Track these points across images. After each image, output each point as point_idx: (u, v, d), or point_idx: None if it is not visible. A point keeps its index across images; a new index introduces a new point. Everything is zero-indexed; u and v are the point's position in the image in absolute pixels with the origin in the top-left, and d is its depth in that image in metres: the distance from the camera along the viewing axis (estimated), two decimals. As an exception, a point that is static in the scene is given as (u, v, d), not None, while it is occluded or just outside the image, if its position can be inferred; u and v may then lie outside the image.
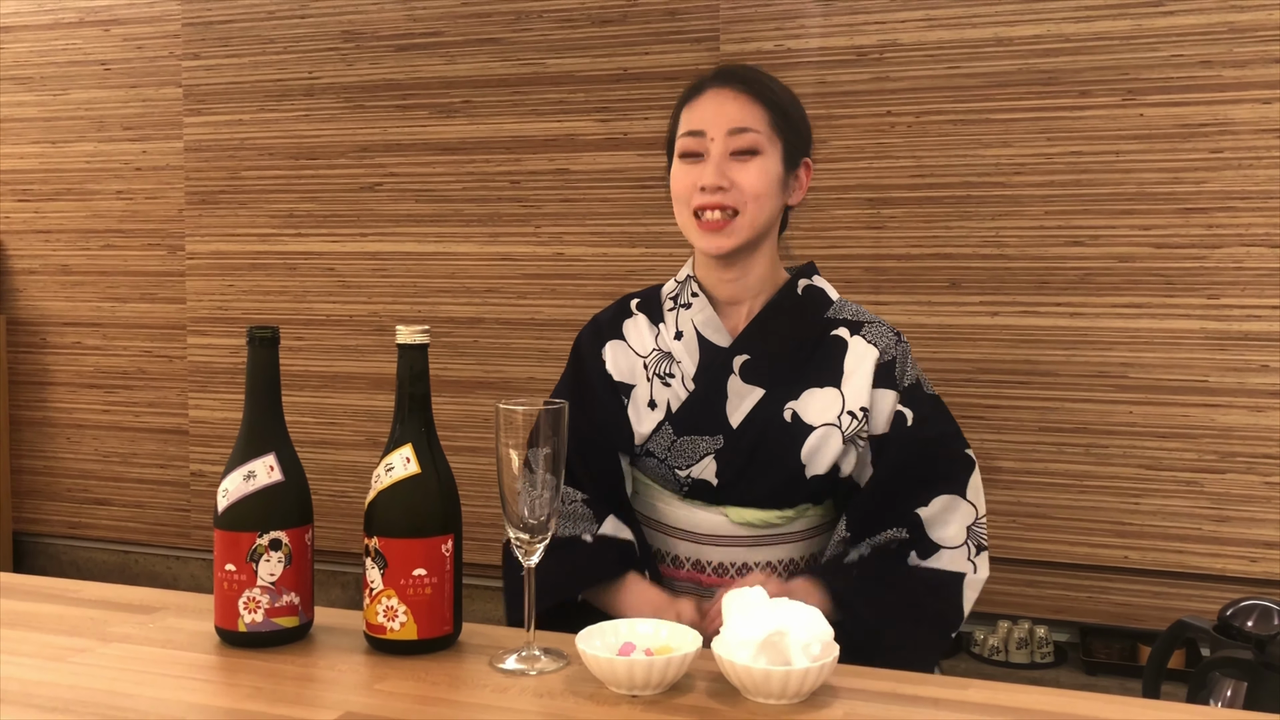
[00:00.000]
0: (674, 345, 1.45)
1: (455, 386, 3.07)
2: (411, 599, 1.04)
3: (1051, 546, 2.60)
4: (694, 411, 1.41)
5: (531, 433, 1.02)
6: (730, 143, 1.35)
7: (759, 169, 1.36)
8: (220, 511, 1.07)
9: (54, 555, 3.58)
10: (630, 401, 1.45)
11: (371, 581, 1.05)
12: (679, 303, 1.47)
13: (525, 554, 1.04)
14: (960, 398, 2.64)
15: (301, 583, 1.08)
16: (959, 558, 1.35)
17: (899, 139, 2.64)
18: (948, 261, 2.63)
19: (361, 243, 3.15)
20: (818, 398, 1.38)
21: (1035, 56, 2.54)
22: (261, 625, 1.06)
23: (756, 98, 1.37)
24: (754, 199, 1.36)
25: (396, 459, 1.06)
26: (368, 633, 1.06)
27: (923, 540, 1.34)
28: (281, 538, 1.07)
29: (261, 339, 1.09)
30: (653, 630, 1.02)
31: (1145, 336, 2.51)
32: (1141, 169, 2.49)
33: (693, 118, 1.38)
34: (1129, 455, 2.54)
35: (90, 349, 3.49)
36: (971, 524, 1.36)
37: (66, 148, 3.46)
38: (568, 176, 2.94)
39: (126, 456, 3.48)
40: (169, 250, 3.37)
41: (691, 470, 1.40)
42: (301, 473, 1.10)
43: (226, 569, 1.06)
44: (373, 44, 3.08)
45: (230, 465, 1.08)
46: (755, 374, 1.40)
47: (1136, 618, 2.58)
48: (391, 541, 1.04)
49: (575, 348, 1.53)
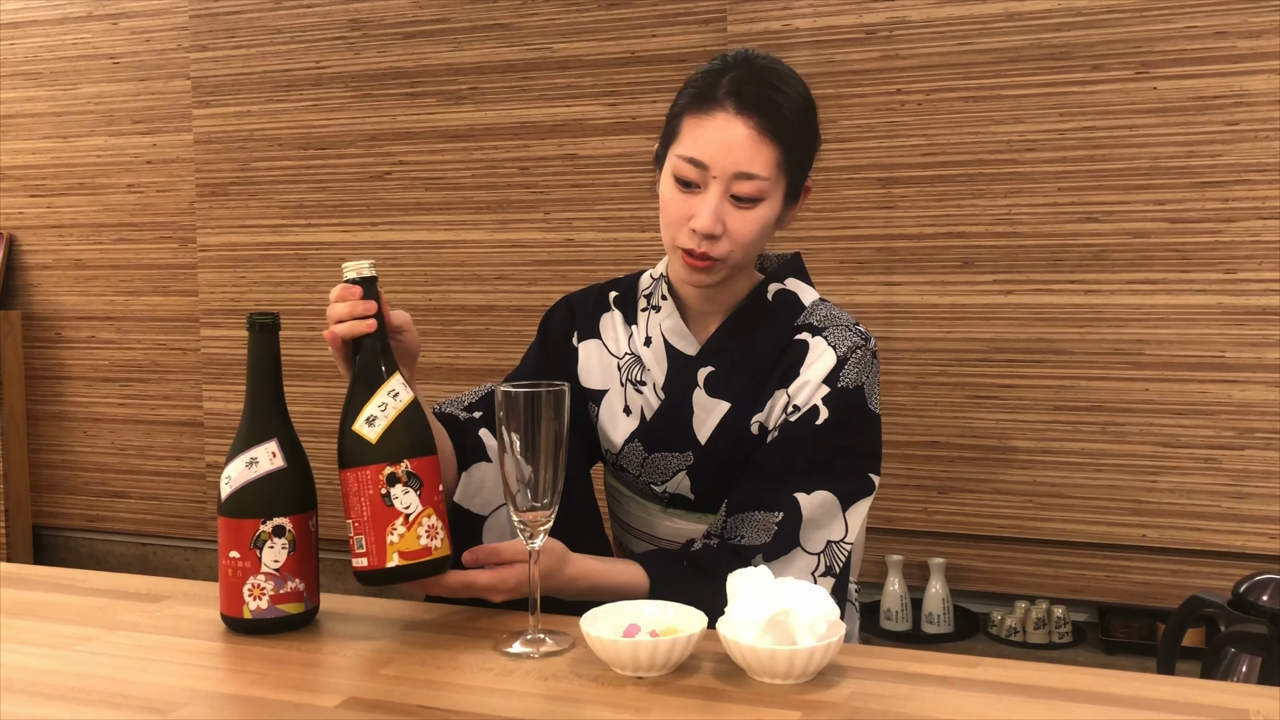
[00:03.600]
0: (643, 351, 1.40)
1: (466, 374, 3.07)
2: (444, 515, 1.07)
3: (1068, 526, 2.58)
4: (662, 427, 1.36)
5: (530, 415, 1.01)
6: (733, 186, 1.24)
7: (757, 220, 1.26)
8: (223, 499, 1.07)
9: (73, 548, 3.60)
10: (603, 407, 1.41)
11: (408, 507, 1.04)
12: (651, 303, 1.42)
13: (530, 536, 1.04)
14: (974, 377, 2.62)
15: (306, 569, 1.08)
16: (803, 571, 1.25)
17: (909, 117, 2.62)
18: (960, 240, 2.60)
19: (372, 232, 3.14)
20: (778, 405, 1.32)
21: (1046, 31, 2.51)
22: (266, 612, 1.06)
23: (772, 136, 1.24)
24: (743, 247, 1.27)
25: (397, 385, 1.07)
26: (405, 564, 1.03)
27: (786, 529, 1.25)
28: (285, 524, 1.06)
29: (262, 325, 1.08)
30: (658, 611, 1.01)
31: (1161, 312, 2.49)
32: (1156, 143, 2.46)
33: (697, 142, 1.25)
34: (1145, 433, 2.51)
35: (105, 343, 3.50)
36: (836, 540, 1.27)
37: (77, 142, 3.46)
38: (577, 161, 2.92)
39: (143, 449, 3.49)
40: (181, 243, 3.38)
41: (667, 486, 1.38)
42: (304, 459, 1.10)
43: (230, 556, 1.06)
44: (379, 32, 3.07)
45: (233, 452, 1.08)
46: (720, 387, 1.34)
47: (1155, 596, 2.55)
48: (422, 461, 1.05)
49: (543, 331, 1.48)
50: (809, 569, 1.25)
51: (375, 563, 1.04)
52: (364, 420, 1.05)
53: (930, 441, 2.65)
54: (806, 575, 1.25)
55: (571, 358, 1.44)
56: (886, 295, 2.64)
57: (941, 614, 2.61)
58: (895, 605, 2.64)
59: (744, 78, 1.26)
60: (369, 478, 1.04)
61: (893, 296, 2.64)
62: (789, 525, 1.24)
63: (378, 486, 1.04)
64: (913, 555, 2.69)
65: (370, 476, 1.04)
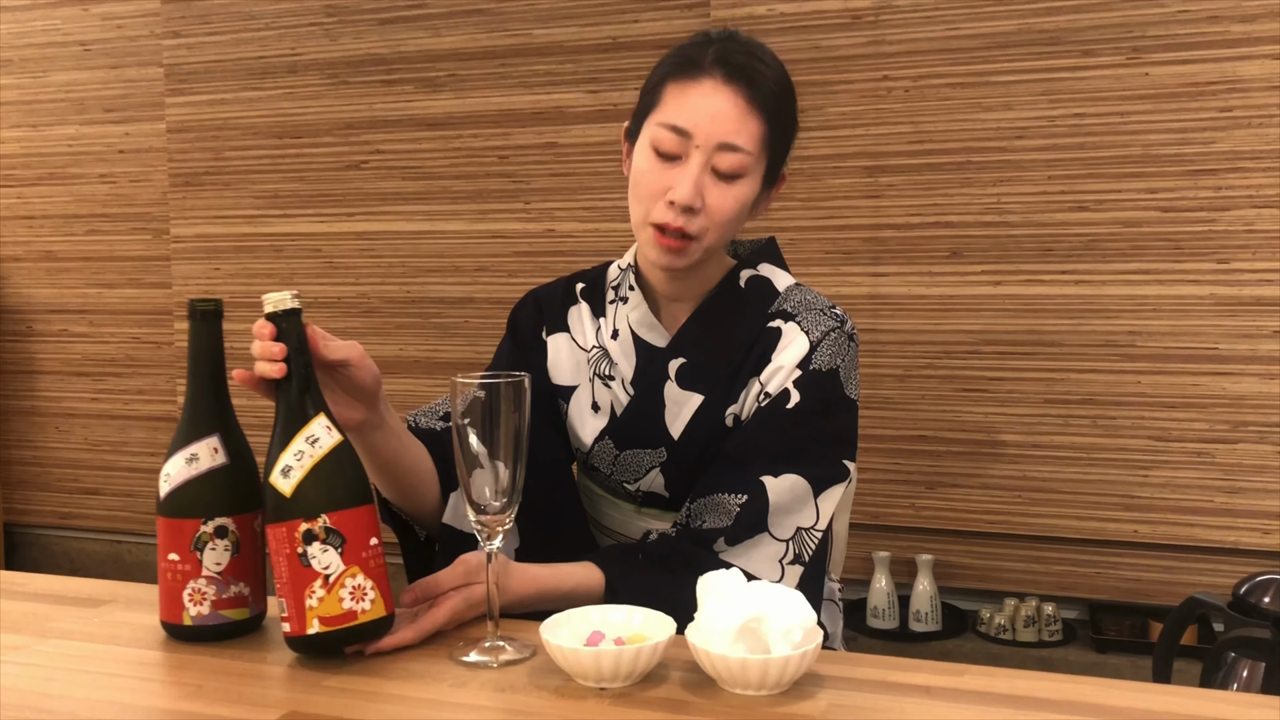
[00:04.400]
0: (610, 344, 1.34)
1: (445, 368, 3.00)
2: (374, 572, 0.96)
3: (1059, 521, 2.53)
4: (633, 423, 1.30)
5: (489, 408, 0.94)
6: (716, 158, 1.19)
7: (736, 196, 1.21)
8: (162, 497, 1.01)
9: (45, 546, 3.53)
10: (571, 404, 1.35)
11: (327, 567, 0.95)
12: (619, 295, 1.35)
13: (486, 537, 0.97)
14: (963, 370, 2.56)
15: (251, 572, 1.02)
16: (770, 558, 1.18)
17: (897, 104, 2.56)
18: (949, 230, 2.55)
19: (348, 223, 3.07)
20: (751, 395, 1.26)
21: (1036, 15, 2.45)
22: (208, 618, 1.00)
23: (759, 108, 1.20)
24: (719, 226, 1.21)
25: (318, 429, 0.97)
26: (326, 630, 0.94)
27: (750, 513, 1.18)
28: (228, 524, 1.00)
29: (204, 312, 1.02)
30: (624, 617, 0.95)
31: (1153, 304, 2.43)
32: (1148, 130, 2.40)
33: (682, 110, 1.19)
34: (1137, 426, 2.46)
35: (77, 336, 3.43)
36: (807, 527, 1.20)
37: (48, 131, 3.39)
38: (557, 150, 2.86)
39: (117, 445, 3.43)
40: (154, 234, 3.30)
41: (640, 484, 1.31)
42: (249, 455, 1.03)
43: (170, 559, 1.00)
44: (355, 18, 3.00)
45: (172, 449, 1.01)
46: (692, 379, 1.27)
47: (1147, 593, 2.50)
48: (346, 514, 0.95)
49: (512, 326, 1.42)
50: (776, 556, 1.19)
51: (296, 629, 0.95)
52: (279, 471, 0.95)
53: (918, 435, 2.60)
54: (773, 562, 1.18)
55: (541, 353, 1.38)
56: (873, 286, 2.58)
57: (929, 612, 2.55)
58: (882, 603, 2.58)
59: (731, 48, 1.22)
60: (285, 535, 0.94)
61: (879, 288, 2.58)
62: (753, 508, 1.18)
63: (294, 545, 0.94)
64: (900, 552, 2.63)
65: (286, 534, 0.94)
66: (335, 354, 1.04)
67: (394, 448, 1.17)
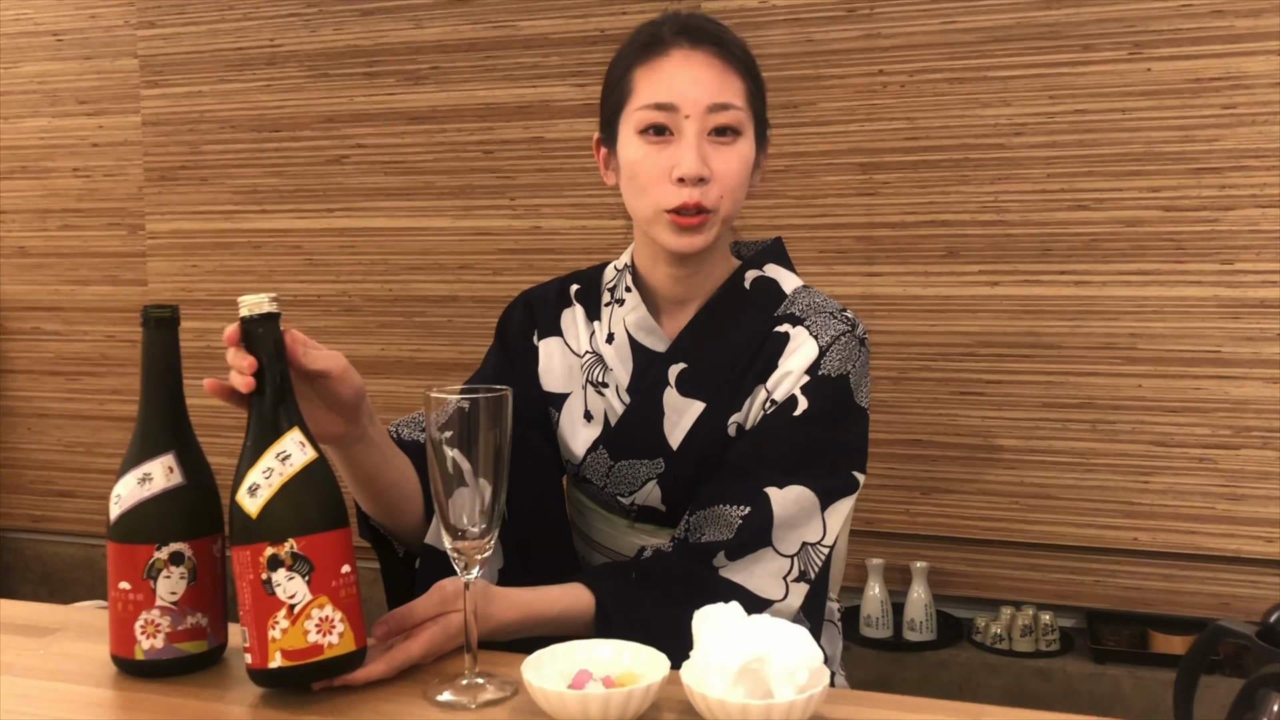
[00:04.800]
0: (605, 349, 1.27)
1: (429, 369, 2.93)
2: (344, 602, 0.89)
3: (1056, 529, 2.47)
4: (629, 432, 1.23)
5: (467, 425, 0.87)
6: (709, 120, 1.14)
7: (740, 154, 1.16)
8: (112, 520, 0.93)
9: (18, 550, 3.44)
10: (562, 413, 1.28)
11: (292, 596, 0.87)
12: (615, 297, 1.28)
13: (464, 567, 0.90)
14: (959, 373, 2.50)
15: (210, 601, 0.94)
16: (774, 575, 1.12)
17: (892, 99, 2.49)
18: (945, 229, 2.48)
19: (329, 219, 2.99)
20: (757, 403, 1.20)
21: (1035, 9, 2.38)
22: (162, 652, 0.92)
23: (734, 63, 1.16)
24: (731, 191, 1.16)
25: (290, 445, 0.90)
26: (288, 665, 0.87)
27: (753, 526, 1.11)
28: (184, 550, 0.92)
29: (158, 319, 0.94)
30: (613, 654, 0.88)
31: (1154, 305, 2.37)
32: (1150, 127, 2.34)
33: (659, 85, 1.15)
34: (1138, 431, 2.40)
35: (50, 334, 3.34)
36: (813, 542, 1.14)
37: (19, 124, 3.30)
38: (544, 145, 2.78)
39: (91, 446, 3.34)
40: (129, 230, 3.22)
41: (635, 498, 1.24)
42: (208, 474, 0.96)
43: (121, 587, 0.92)
44: (336, 8, 2.92)
45: (124, 467, 0.94)
46: (693, 385, 1.21)
47: (1146, 602, 2.45)
48: (316, 539, 0.88)
49: (501, 330, 1.35)
50: (780, 572, 1.12)
51: (258, 661, 0.88)
52: (246, 489, 0.88)
53: (912, 440, 2.54)
54: (777, 579, 1.12)
55: (532, 358, 1.31)
56: (867, 286, 2.52)
57: (924, 620, 2.49)
58: (875, 611, 2.52)
59: (686, 18, 1.20)
60: (249, 559, 0.87)
61: (874, 288, 2.52)
62: (756, 521, 1.12)
63: (257, 570, 0.87)
64: (894, 559, 2.57)
65: (250, 558, 0.87)
66: (315, 364, 0.97)
67: (375, 461, 1.10)
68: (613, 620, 1.07)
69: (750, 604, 1.11)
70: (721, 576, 1.12)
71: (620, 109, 1.19)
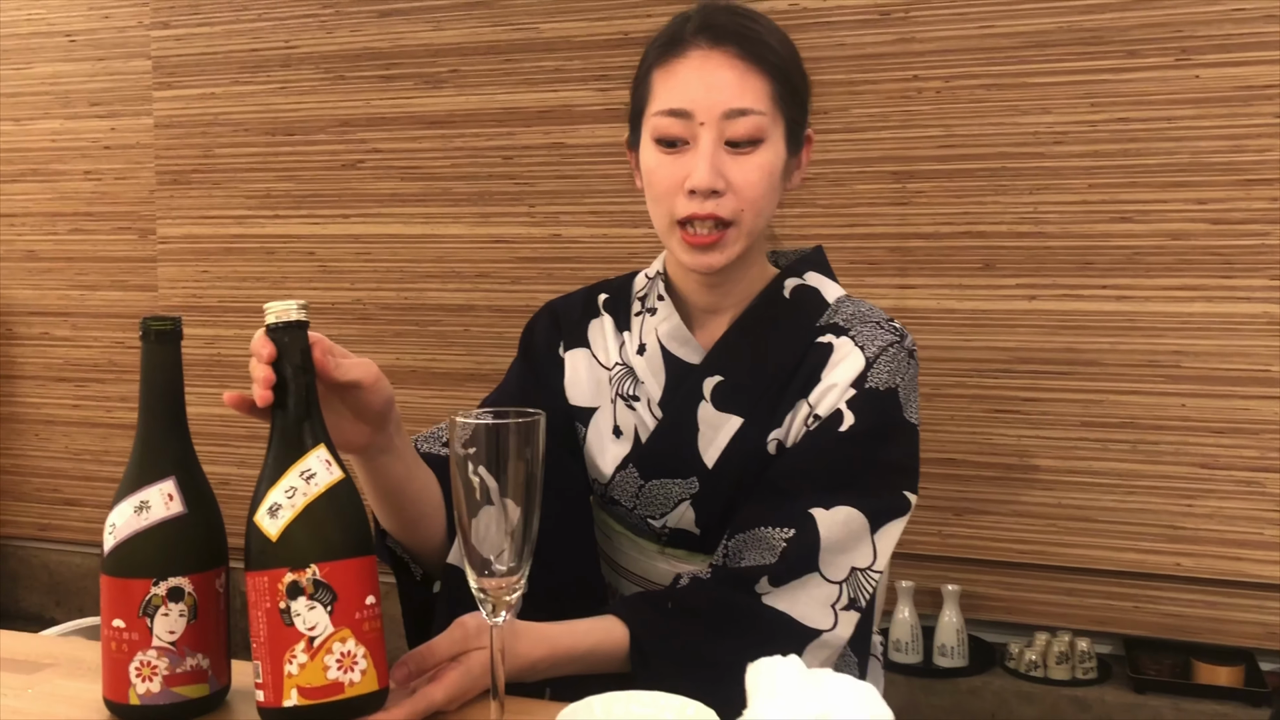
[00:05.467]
0: (636, 361, 1.19)
1: (444, 379, 2.85)
2: (368, 636, 0.81)
3: (1095, 552, 2.38)
4: (661, 449, 1.15)
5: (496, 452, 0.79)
6: (726, 128, 1.06)
7: (760, 165, 1.07)
8: (106, 553, 0.85)
9: (24, 559, 3.38)
10: (590, 429, 1.20)
11: (312, 628, 0.79)
12: (646, 306, 1.21)
13: (493, 609, 0.82)
14: (995, 390, 2.41)
15: (212, 642, 0.86)
16: (821, 602, 1.04)
17: (927, 106, 2.41)
18: (981, 240, 2.40)
19: (343, 225, 2.92)
20: (799, 418, 1.11)
21: (1077, 13, 2.30)
22: (159, 696, 0.84)
23: (757, 63, 1.08)
24: (752, 204, 1.08)
25: (315, 463, 0.83)
26: (305, 703, 0.79)
27: (799, 550, 1.04)
28: (183, 585, 0.84)
29: (158, 332, 0.87)
30: (654, 711, 0.80)
31: (1200, 322, 2.28)
32: (1197, 136, 2.25)
33: (674, 90, 1.08)
34: (1181, 453, 2.31)
35: (59, 340, 3.29)
36: (863, 568, 1.06)
37: (30, 125, 3.24)
38: (564, 151, 2.71)
39: (98, 454, 3.28)
40: (140, 234, 3.15)
41: (666, 520, 1.16)
42: (212, 502, 0.88)
43: (114, 625, 0.84)
44: (353, 10, 2.85)
45: (119, 494, 0.86)
46: (730, 399, 1.13)
47: (1188, 630, 2.35)
48: (340, 565, 0.81)
49: (525, 342, 1.28)
50: (828, 600, 1.04)
51: (271, 699, 0.80)
52: (266, 510, 0.81)
53: (945, 459, 2.45)
54: (825, 606, 1.04)
55: (558, 371, 1.23)
56: (900, 299, 2.43)
57: (955, 646, 2.40)
58: (905, 635, 2.43)
59: (710, 12, 1.11)
60: (266, 586, 0.80)
61: (906, 300, 2.43)
62: (802, 544, 1.04)
63: (275, 598, 0.80)
64: (924, 581, 2.48)
65: (267, 584, 0.80)
66: (345, 376, 0.91)
67: (400, 473, 1.03)
68: (649, 656, 0.99)
69: (796, 634, 1.03)
70: (765, 604, 1.04)
71: (642, 112, 1.13)
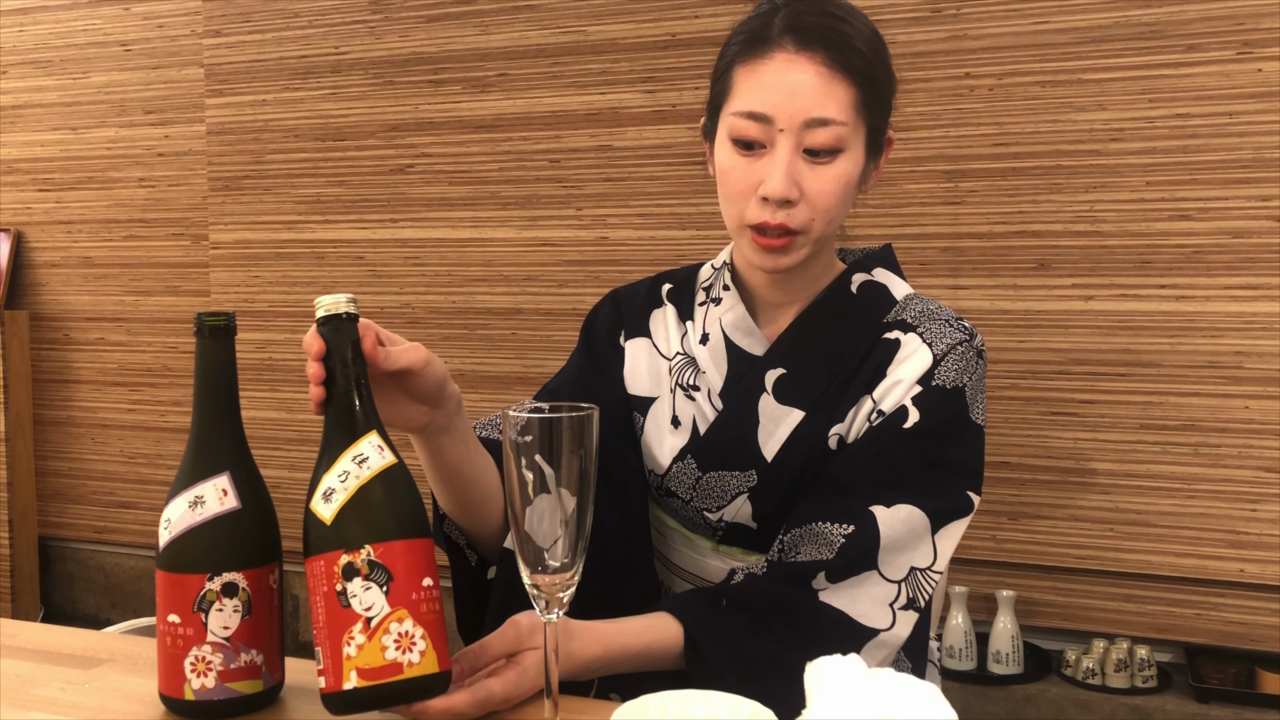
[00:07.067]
0: (698, 351, 1.18)
1: (492, 382, 2.86)
2: (426, 618, 0.80)
3: (1154, 558, 2.33)
4: (720, 441, 1.14)
5: (549, 446, 0.78)
6: (805, 137, 1.03)
7: (837, 176, 1.05)
8: (161, 548, 0.85)
9: (81, 560, 3.43)
10: (648, 419, 1.19)
11: (369, 608, 0.79)
12: (710, 296, 1.20)
13: (546, 605, 0.81)
14: (1050, 392, 2.36)
15: (265, 637, 0.86)
16: (879, 601, 1.02)
17: (979, 103, 2.37)
18: (1036, 240, 2.35)
19: (392, 229, 2.94)
20: (862, 413, 1.10)
21: (1135, 7, 2.26)
22: (214, 692, 0.84)
23: (844, 70, 1.04)
24: (824, 213, 1.06)
25: (367, 448, 0.83)
26: (364, 685, 0.78)
27: (857, 546, 1.02)
28: (237, 581, 0.84)
29: (213, 328, 0.87)
30: (709, 712, 0.78)
31: (1263, 322, 2.22)
32: (1258, 132, 2.20)
33: (756, 93, 1.05)
34: (1244, 456, 2.25)
35: (114, 345, 3.33)
36: (923, 568, 1.05)
37: (87, 134, 3.29)
38: (612, 154, 2.70)
39: (152, 458, 3.31)
40: (193, 240, 3.19)
41: (723, 513, 1.14)
42: (265, 497, 0.88)
43: (170, 621, 0.84)
44: (401, 15, 2.87)
45: (174, 489, 0.86)
46: (792, 393, 1.11)
47: (1252, 638, 2.29)
48: (395, 545, 0.80)
49: (586, 331, 1.27)
50: (886, 599, 1.03)
51: (332, 683, 0.79)
52: (320, 495, 0.82)
53: (1000, 462, 2.40)
54: (883, 606, 1.02)
55: (618, 360, 1.23)
56: (952, 300, 2.40)
57: (1010, 652, 2.36)
58: (959, 642, 2.39)
59: (800, 10, 1.07)
60: (322, 569, 0.80)
61: (959, 301, 2.40)
62: (861, 541, 1.02)
63: (332, 581, 0.80)
64: (979, 587, 2.44)
65: (324, 568, 0.80)
66: (394, 365, 0.91)
67: (460, 454, 1.03)
68: (704, 654, 0.98)
69: (853, 632, 1.01)
70: (821, 601, 1.02)
71: (720, 106, 1.11)
